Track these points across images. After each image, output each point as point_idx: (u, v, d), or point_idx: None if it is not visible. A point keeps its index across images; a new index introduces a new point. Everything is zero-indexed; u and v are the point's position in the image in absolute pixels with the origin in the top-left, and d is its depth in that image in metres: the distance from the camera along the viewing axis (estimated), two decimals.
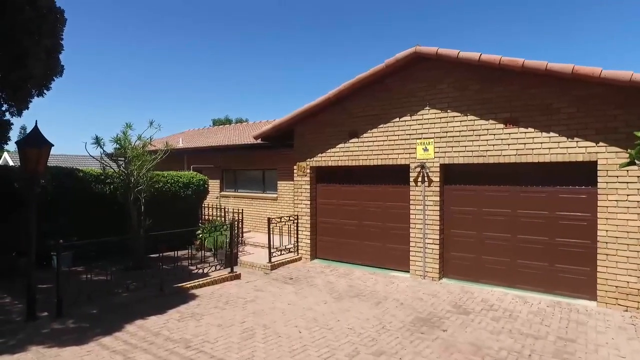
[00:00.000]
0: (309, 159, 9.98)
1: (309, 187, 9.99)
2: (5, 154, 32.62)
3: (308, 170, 9.99)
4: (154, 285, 7.32)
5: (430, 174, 8.20)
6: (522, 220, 7.41)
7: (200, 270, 8.22)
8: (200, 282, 7.84)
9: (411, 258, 8.47)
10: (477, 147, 7.66)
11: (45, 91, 8.21)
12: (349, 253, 9.58)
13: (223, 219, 13.00)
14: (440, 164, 8.11)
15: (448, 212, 8.21)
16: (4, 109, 8.07)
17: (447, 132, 8.00)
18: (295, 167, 10.25)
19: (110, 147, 11.31)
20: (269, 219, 9.35)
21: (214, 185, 14.96)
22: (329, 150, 9.62)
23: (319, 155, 9.79)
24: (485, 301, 6.92)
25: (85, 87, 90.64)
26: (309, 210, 9.98)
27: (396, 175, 8.82)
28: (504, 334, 5.55)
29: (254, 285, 8.13)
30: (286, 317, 6.23)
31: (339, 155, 9.48)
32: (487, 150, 7.55)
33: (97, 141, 10.11)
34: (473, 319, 6.12)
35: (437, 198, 8.15)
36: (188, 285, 7.63)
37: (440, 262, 8.16)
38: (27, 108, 7.89)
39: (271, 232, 9.35)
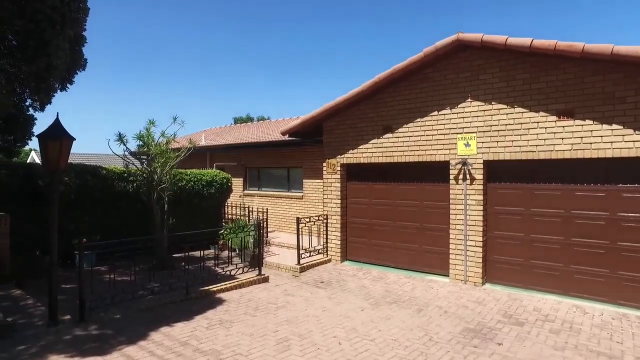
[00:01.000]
0: (339, 156, 9.44)
1: (339, 185, 9.44)
2: (33, 153, 33.01)
3: (338, 168, 9.45)
4: (178, 287, 6.89)
5: (472, 171, 7.57)
6: (578, 222, 6.71)
7: (226, 272, 7.77)
8: (227, 285, 7.38)
9: (451, 261, 7.85)
10: (525, 142, 6.99)
11: (68, 85, 7.86)
12: (381, 255, 9.00)
13: (247, 218, 12.58)
14: (483, 161, 7.46)
15: (492, 212, 7.56)
16: (27, 103, 7.76)
17: (491, 126, 7.36)
18: (324, 164, 9.72)
19: (133, 145, 11.03)
20: (298, 219, 8.84)
21: (236, 183, 14.57)
22: (361, 147, 9.06)
23: (350, 151, 9.24)
24: (538, 310, 6.26)
25: (104, 84, 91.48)
26: (339, 209, 9.43)
27: (434, 173, 8.21)
28: (569, 350, 4.90)
29: (284, 289, 7.63)
30: (322, 326, 5.70)
31: (371, 152, 8.90)
32: (537, 145, 6.88)
33: (120, 138, 9.79)
34: (529, 331, 5.48)
35: (480, 197, 7.51)
36: (215, 289, 7.17)
37: (483, 266, 7.52)
38: (50, 102, 7.54)
39: (300, 232, 8.84)
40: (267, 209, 12.13)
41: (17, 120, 7.32)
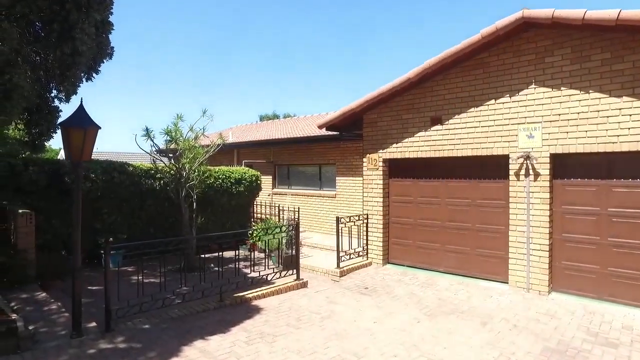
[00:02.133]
0: (381, 150, 8.62)
1: (381, 182, 8.63)
2: (62, 151, 33.24)
3: (380, 163, 8.63)
4: (210, 292, 6.20)
5: (536, 165, 6.65)
6: None
7: (262, 276, 7.02)
8: (264, 291, 6.66)
9: (510, 266, 6.95)
10: (603, 132, 6.04)
11: (94, 75, 7.30)
12: (428, 258, 8.15)
13: (277, 217, 11.89)
14: (550, 154, 6.54)
15: (559, 211, 6.62)
16: (52, 94, 7.23)
17: (559, 114, 6.43)
18: (364, 159, 8.92)
19: (160, 140, 10.47)
20: (338, 218, 8.07)
21: (265, 181, 13.90)
22: (406, 140, 8.23)
23: (394, 145, 8.41)
24: (629, 328, 5.30)
25: (126, 79, 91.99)
26: (381, 208, 8.62)
27: (490, 168, 7.32)
28: None
29: (325, 295, 6.87)
30: (378, 342, 4.91)
31: (418, 146, 8.06)
32: (618, 136, 5.92)
33: (147, 133, 9.21)
34: (629, 355, 4.56)
35: (546, 195, 6.59)
36: (250, 295, 6.46)
37: (549, 273, 6.60)
38: (76, 93, 6.99)
39: (340, 233, 8.07)
40: (298, 207, 11.41)
41: (41, 112, 6.77)
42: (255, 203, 12.94)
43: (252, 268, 7.08)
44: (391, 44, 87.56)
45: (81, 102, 4.82)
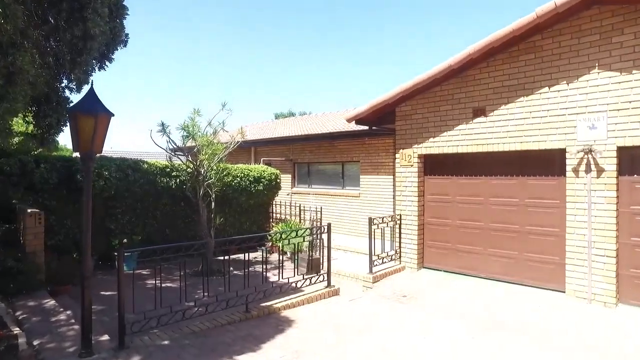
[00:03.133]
0: (416, 145, 7.85)
1: (416, 179, 7.85)
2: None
3: (415, 159, 7.86)
4: (236, 302, 5.49)
5: (600, 160, 5.83)
6: None
7: (290, 283, 6.29)
8: (293, 300, 5.94)
9: (568, 274, 6.13)
10: None
11: (107, 63, 6.66)
12: (468, 262, 7.35)
13: (298, 218, 11.19)
14: (617, 147, 5.72)
15: (627, 212, 5.78)
16: (63, 84, 6.60)
17: (630, 101, 5.59)
18: (397, 155, 8.14)
19: (177, 136, 9.82)
20: (370, 219, 7.31)
21: (284, 180, 13.21)
22: (444, 134, 7.45)
23: (430, 140, 7.63)
24: None
25: (139, 74, 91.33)
26: (416, 208, 7.84)
27: (541, 164, 6.51)
28: None
29: (361, 305, 6.13)
30: None
31: (457, 140, 7.27)
32: None
33: (163, 128, 8.57)
34: None
35: (612, 193, 5.75)
36: (279, 305, 5.74)
37: (616, 282, 5.77)
38: (88, 82, 6.34)
39: (372, 235, 7.31)
40: (321, 207, 10.68)
41: (51, 103, 6.16)
42: (274, 203, 12.27)
43: (280, 274, 6.34)
44: (398, 43, 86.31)
45: (91, 85, 4.15)
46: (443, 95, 7.43)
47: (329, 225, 6.65)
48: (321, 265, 6.99)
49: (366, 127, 8.97)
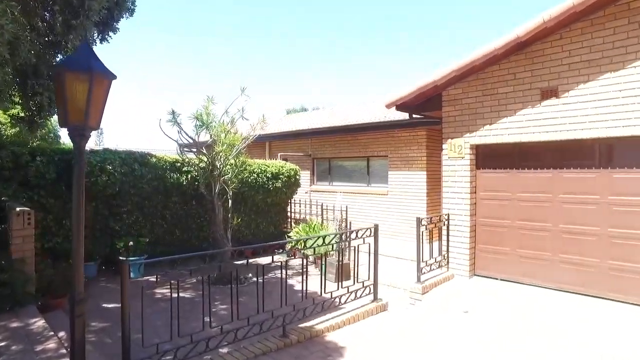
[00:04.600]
0: (467, 134, 6.64)
1: (467, 173, 6.65)
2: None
3: (467, 150, 6.66)
4: (268, 323, 4.30)
5: None
6: None
7: (334, 297, 4.99)
8: (338, 320, 4.72)
9: None
10: None
11: (110, 34, 5.47)
12: (533, 270, 6.14)
13: (320, 218, 10.01)
14: None
15: None
16: (57, 59, 5.41)
17: None
18: (445, 146, 6.93)
19: (189, 126, 8.64)
20: (418, 219, 6.10)
21: (302, 177, 12.03)
22: (502, 120, 6.25)
23: (486, 128, 6.43)
24: None
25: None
26: (467, 207, 6.64)
27: (630, 154, 5.32)
28: None
29: (416, 323, 4.93)
30: None
31: (520, 127, 6.07)
32: None
33: (174, 117, 7.40)
34: None
35: None
36: (322, 326, 4.53)
37: None
38: None
39: (420, 237, 6.11)
40: (346, 206, 9.49)
41: (40, 77, 4.96)
42: (291, 201, 11.09)
43: (323, 288, 5.12)
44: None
45: (86, 35, 2.98)
46: (502, 75, 6.23)
47: (375, 228, 5.44)
48: (352, 272, 5.79)
49: (405, 116, 7.78)
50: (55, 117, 9.92)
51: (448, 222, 6.77)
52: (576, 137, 5.55)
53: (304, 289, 4.55)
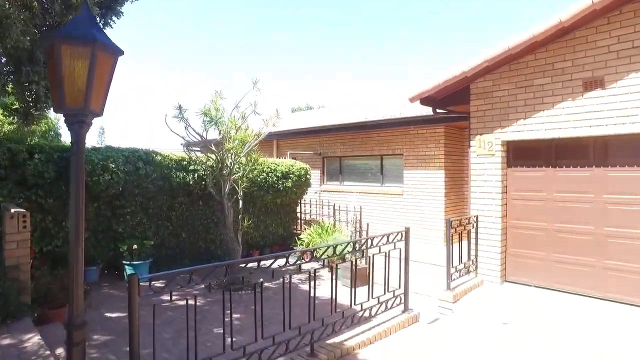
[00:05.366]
0: (499, 130, 6.10)
1: (498, 172, 6.10)
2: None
3: (498, 147, 6.11)
4: (295, 342, 3.74)
5: None
6: None
7: (364, 309, 4.42)
8: (369, 334, 4.17)
9: None
10: None
11: (113, 19, 4.92)
12: (571, 277, 5.58)
13: (332, 219, 9.45)
14: None
15: None
16: None
17: None
18: (473, 142, 6.38)
19: (196, 123, 8.09)
20: (449, 221, 5.55)
21: (312, 177, 11.49)
22: (538, 114, 5.70)
23: (520, 122, 5.88)
24: None
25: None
26: (498, 208, 6.09)
27: None
28: None
29: (453, 336, 4.39)
30: None
31: (558, 121, 5.53)
32: None
33: (180, 112, 6.88)
34: None
35: None
36: (352, 343, 3.97)
37: None
38: None
39: (450, 241, 5.55)
40: (360, 207, 8.94)
41: (36, 63, 4.40)
42: (301, 202, 10.56)
43: (353, 300, 4.58)
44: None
45: (86, 4, 2.43)
46: (539, 66, 5.68)
47: (407, 231, 4.86)
48: (369, 278, 5.23)
49: (421, 112, 7.25)
50: (54, 114, 9.38)
51: (477, 224, 6.22)
52: (625, 131, 5.01)
53: (333, 298, 3.99)
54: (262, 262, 3.61)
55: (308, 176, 10.09)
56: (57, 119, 13.59)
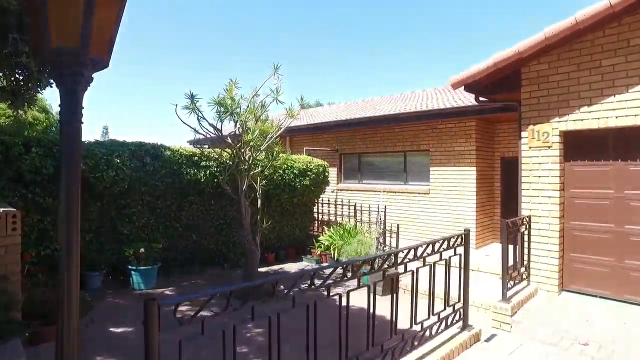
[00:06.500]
0: (556, 119, 5.28)
1: (556, 166, 5.28)
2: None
3: (555, 138, 5.28)
4: None
5: None
6: None
7: (421, 327, 3.55)
8: (431, 358, 3.38)
9: None
10: None
11: None
12: None
13: (354, 220, 8.64)
14: None
15: None
16: None
17: None
18: (525, 133, 5.56)
19: (209, 114, 7.30)
20: (507, 223, 4.72)
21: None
22: (608, 100, 4.88)
23: (582, 110, 5.07)
24: None
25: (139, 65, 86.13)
26: (556, 207, 5.27)
27: None
28: None
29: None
30: None
31: (626, 108, 4.73)
32: None
33: (192, 101, 6.05)
34: None
35: None
36: None
37: None
38: None
39: (507, 243, 4.74)
40: (385, 207, 8.13)
41: (25, 32, 3.60)
42: (318, 201, 9.77)
43: (413, 318, 3.75)
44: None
45: None
46: (609, 44, 4.88)
47: (467, 234, 4.03)
48: (429, 291, 4.43)
49: (451, 103, 6.46)
50: (57, 108, 8.61)
51: (529, 226, 5.41)
52: None
53: (393, 320, 3.18)
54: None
55: (326, 174, 9.30)
56: (58, 113, 12.81)
